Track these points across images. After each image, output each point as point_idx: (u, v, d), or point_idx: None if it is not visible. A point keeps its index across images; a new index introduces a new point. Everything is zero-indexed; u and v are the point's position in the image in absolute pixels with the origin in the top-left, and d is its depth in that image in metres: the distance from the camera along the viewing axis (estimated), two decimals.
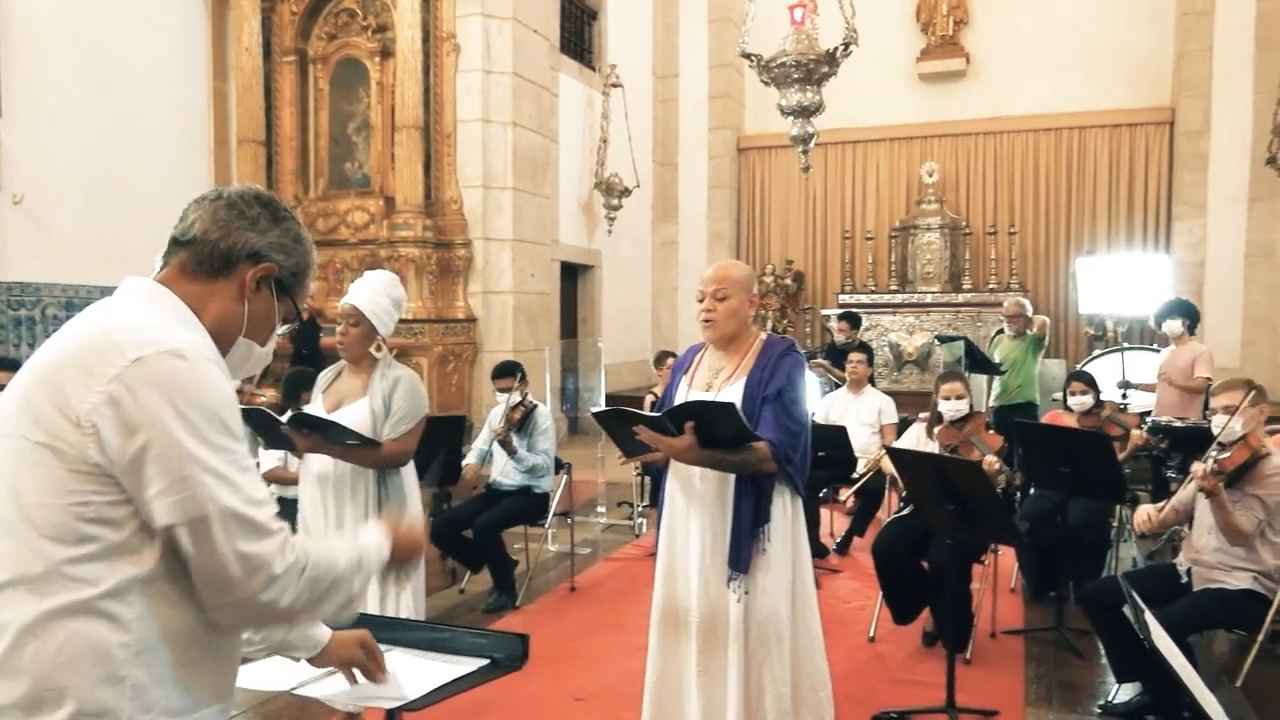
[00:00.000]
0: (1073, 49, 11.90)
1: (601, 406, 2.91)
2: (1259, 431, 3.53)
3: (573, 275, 11.59)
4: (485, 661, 1.84)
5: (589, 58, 11.81)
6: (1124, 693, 3.59)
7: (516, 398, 5.02)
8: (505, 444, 4.90)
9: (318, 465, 3.06)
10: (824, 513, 6.01)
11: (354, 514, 3.03)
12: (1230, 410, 3.50)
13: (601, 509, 7.05)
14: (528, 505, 5.04)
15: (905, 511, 4.43)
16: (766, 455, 2.55)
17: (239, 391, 5.90)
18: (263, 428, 3.28)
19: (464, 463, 5.09)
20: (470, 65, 8.95)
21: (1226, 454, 3.40)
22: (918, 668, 4.06)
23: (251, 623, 1.39)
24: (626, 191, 11.67)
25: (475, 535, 4.83)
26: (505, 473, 5.05)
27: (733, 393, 2.67)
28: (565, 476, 5.44)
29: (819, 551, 5.68)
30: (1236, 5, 10.94)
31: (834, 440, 5.59)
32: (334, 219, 9.14)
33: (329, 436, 2.96)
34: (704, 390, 2.74)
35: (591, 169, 11.53)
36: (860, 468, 5.45)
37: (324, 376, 3.25)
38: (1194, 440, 4.80)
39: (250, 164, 9.37)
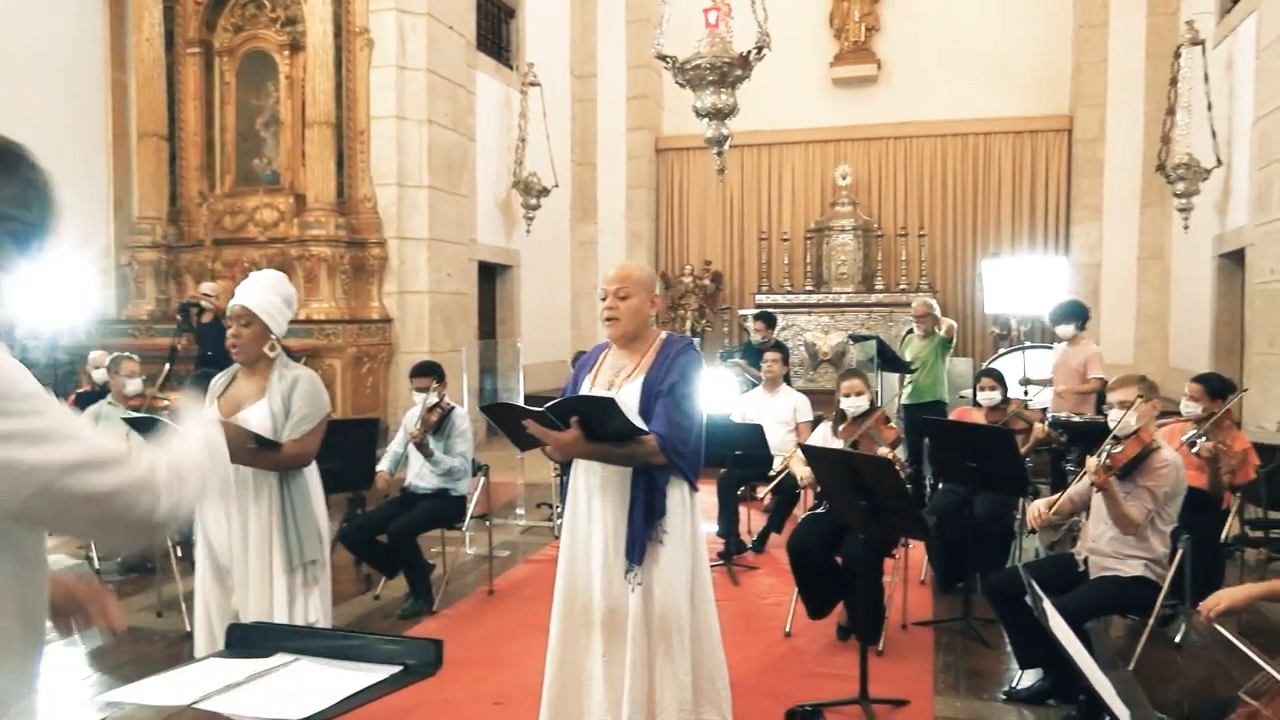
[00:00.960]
0: (977, 58, 12.31)
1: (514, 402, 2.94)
2: (1150, 426, 3.70)
3: (491, 275, 11.48)
4: (398, 668, 1.81)
5: (506, 56, 11.72)
6: (1027, 678, 3.73)
7: (433, 399, 4.95)
8: (421, 447, 4.82)
9: None
10: (742, 510, 6.08)
11: (258, 517, 2.94)
12: (1125, 405, 3.67)
13: (520, 511, 7.01)
14: (444, 508, 4.97)
15: (819, 508, 4.52)
16: (654, 448, 2.62)
17: (140, 395, 5.62)
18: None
19: (377, 469, 4.97)
20: (384, 61, 8.79)
21: (1120, 448, 3.56)
22: (832, 661, 4.14)
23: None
24: (545, 191, 11.62)
25: (390, 540, 4.75)
26: (421, 475, 4.97)
27: (632, 390, 2.73)
28: (483, 479, 5.38)
29: (737, 548, 5.76)
30: (1128, 20, 11.48)
31: (750, 439, 5.66)
32: (242, 216, 8.87)
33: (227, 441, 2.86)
34: (606, 389, 2.78)
35: (509, 168, 11.44)
36: (776, 465, 5.54)
37: (218, 381, 3.13)
38: (1092, 434, 5.02)
39: (152, 158, 9.03)
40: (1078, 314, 6.48)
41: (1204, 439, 4.40)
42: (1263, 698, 2.19)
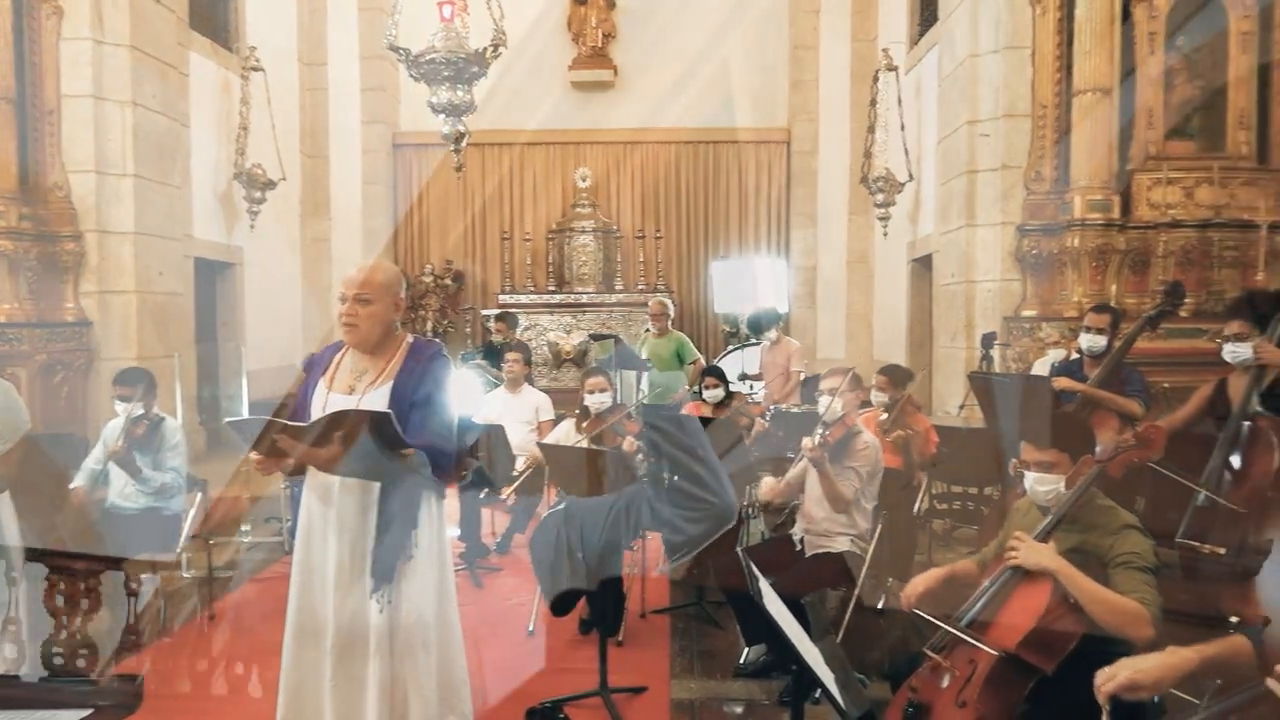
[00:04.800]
0: (705, 71, 12.97)
1: (242, 416, 2.71)
2: (854, 412, 4.09)
3: (210, 273, 10.61)
4: (88, 711, 1.63)
5: (225, 37, 10.86)
6: (752, 654, 3.99)
7: (139, 410, 4.49)
8: (125, 463, 4.36)
9: None
10: (485, 512, 6.03)
11: None
12: (833, 393, 4.03)
13: (246, 527, 6.53)
14: (155, 529, 4.53)
15: (561, 505, 4.57)
16: (417, 462, 2.52)
17: None
18: None
19: (71, 485, 4.43)
20: (77, 33, 7.85)
21: (829, 430, 3.91)
22: (575, 656, 4.21)
23: None
24: (271, 184, 10.88)
25: None
26: (126, 495, 4.50)
27: (378, 397, 2.60)
28: (200, 494, 4.95)
29: (480, 551, 5.70)
30: (836, 43, 12.61)
31: (493, 439, 5.63)
32: None
33: None
34: (346, 393, 2.64)
35: (230, 158, 10.62)
36: (519, 465, 5.55)
37: None
38: (808, 425, 5.46)
39: None
40: (775, 319, 7.58)
41: (896, 429, 4.92)
42: (942, 651, 2.49)
